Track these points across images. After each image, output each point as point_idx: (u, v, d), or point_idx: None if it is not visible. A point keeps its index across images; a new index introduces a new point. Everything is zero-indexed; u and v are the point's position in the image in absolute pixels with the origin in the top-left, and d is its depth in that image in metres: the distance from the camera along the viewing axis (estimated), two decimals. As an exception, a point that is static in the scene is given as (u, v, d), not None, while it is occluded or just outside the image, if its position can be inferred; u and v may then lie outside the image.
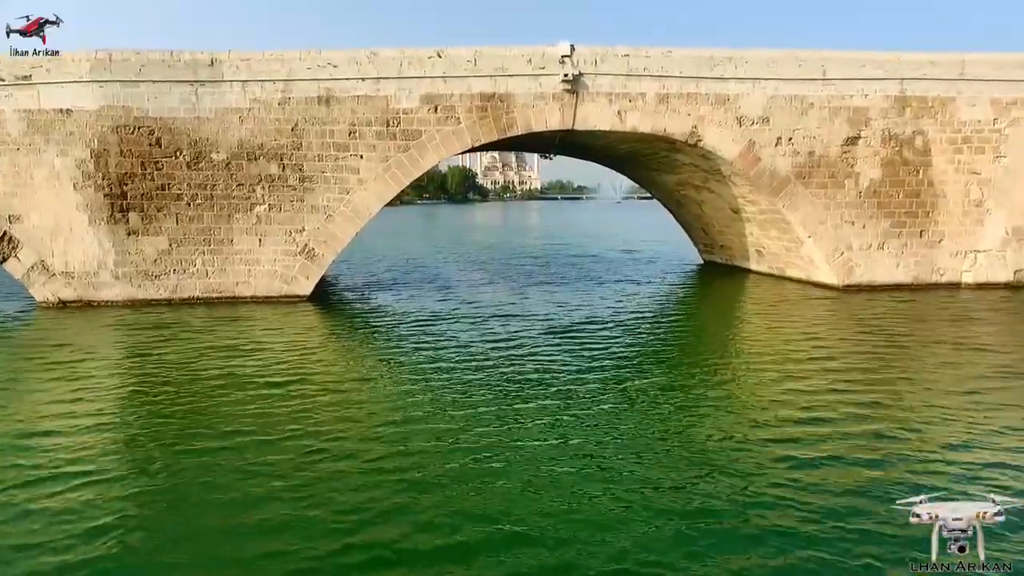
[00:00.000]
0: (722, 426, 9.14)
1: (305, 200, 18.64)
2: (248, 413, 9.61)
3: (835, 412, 9.61)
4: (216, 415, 9.60)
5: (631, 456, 8.16)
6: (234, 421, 9.28)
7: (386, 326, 16.71)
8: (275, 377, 11.52)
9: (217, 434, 8.81)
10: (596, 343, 14.26)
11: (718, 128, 19.38)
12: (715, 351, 13.97)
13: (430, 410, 9.82)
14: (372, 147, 18.62)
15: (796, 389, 10.83)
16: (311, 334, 15.70)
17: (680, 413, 9.78)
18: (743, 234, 23.52)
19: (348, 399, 10.40)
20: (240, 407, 9.88)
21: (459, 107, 18.69)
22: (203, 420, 9.42)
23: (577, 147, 23.68)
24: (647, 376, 11.79)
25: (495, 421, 9.28)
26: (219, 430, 8.95)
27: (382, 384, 11.49)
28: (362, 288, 22.89)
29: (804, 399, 10.27)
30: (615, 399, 10.36)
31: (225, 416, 9.52)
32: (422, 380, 11.57)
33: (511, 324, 16.20)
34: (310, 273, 18.82)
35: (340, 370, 12.58)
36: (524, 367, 12.17)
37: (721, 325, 17.27)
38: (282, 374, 11.75)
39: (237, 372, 11.88)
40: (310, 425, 9.08)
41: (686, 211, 26.74)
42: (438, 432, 8.89)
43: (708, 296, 22.17)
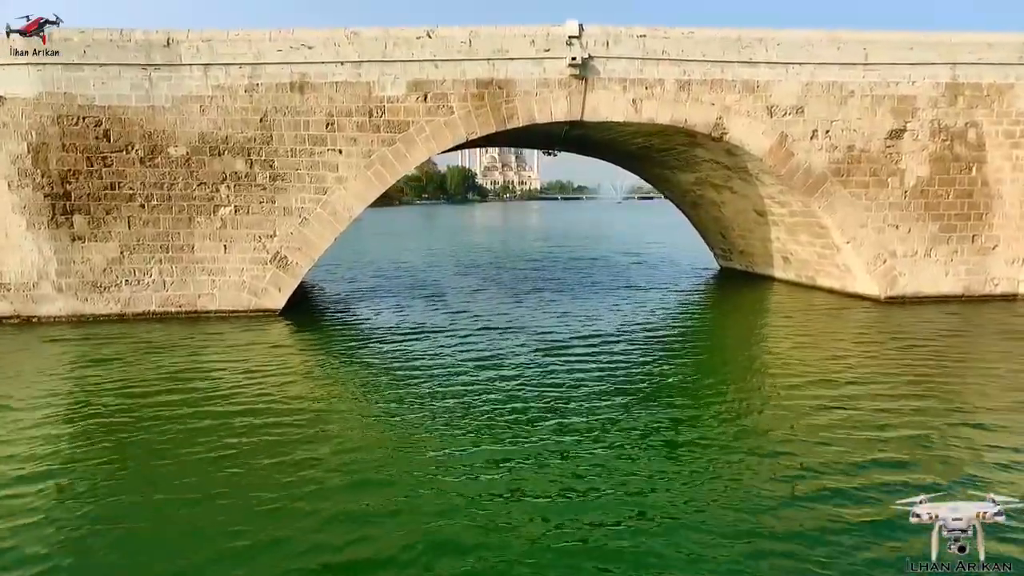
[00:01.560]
0: (751, 468, 7.89)
1: (276, 201, 16.36)
2: (205, 445, 8.44)
3: (876, 451, 8.25)
4: (168, 450, 8.33)
5: (633, 504, 6.92)
6: (189, 456, 8.11)
7: (366, 345, 14.51)
8: (238, 406, 10.04)
9: (168, 472, 7.68)
10: (601, 363, 12.45)
11: (746, 119, 17.11)
12: (739, 374, 12.15)
13: (409, 447, 8.52)
14: (353, 140, 16.34)
15: (837, 422, 9.28)
16: (281, 355, 13.56)
17: (702, 452, 8.34)
18: (768, 239, 21.26)
19: (318, 433, 8.97)
20: (197, 440, 8.66)
21: (452, 95, 16.42)
22: (153, 457, 8.14)
23: (585, 142, 21.40)
24: (661, 406, 10.03)
25: (483, 465, 7.86)
26: (171, 467, 7.82)
27: (354, 415, 9.93)
28: (344, 299, 20.60)
29: (845, 434, 8.81)
30: (623, 434, 8.82)
31: (179, 451, 8.29)
32: (402, 410, 9.96)
33: (506, 340, 14.38)
34: (283, 284, 16.54)
35: (310, 398, 10.68)
36: (518, 395, 10.50)
37: (745, 343, 15.05)
38: (247, 402, 10.20)
39: (194, 399, 10.38)
40: (275, 462, 7.92)
41: (702, 213, 24.47)
42: (414, 469, 7.77)
43: (728, 307, 19.88)
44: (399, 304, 19.42)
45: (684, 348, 14.69)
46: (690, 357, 13.73)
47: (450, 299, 20.37)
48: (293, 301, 17.30)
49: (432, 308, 18.67)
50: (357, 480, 7.47)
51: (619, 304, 19.35)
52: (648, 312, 18.37)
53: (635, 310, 18.48)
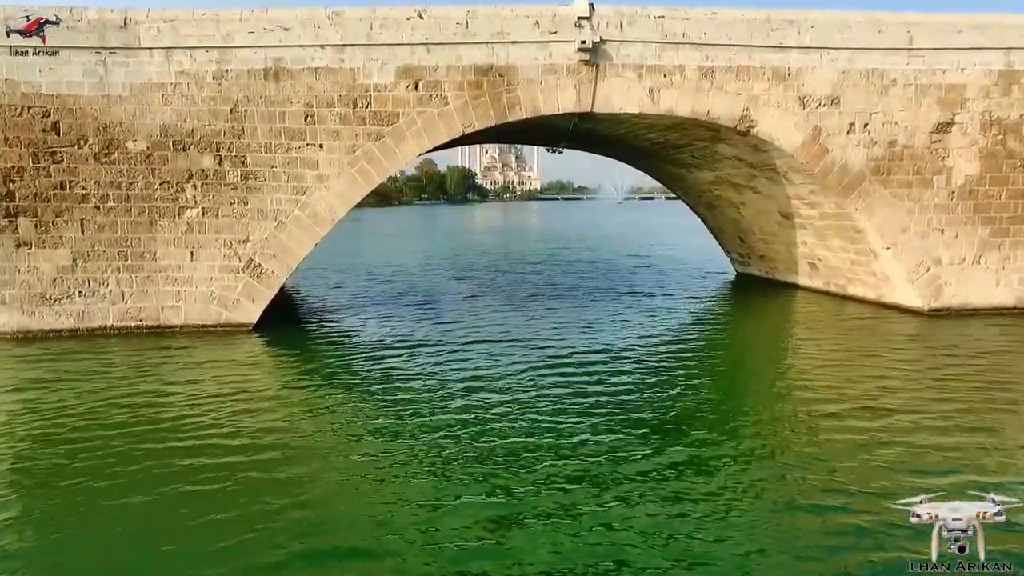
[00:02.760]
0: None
1: (249, 202, 14.55)
2: (162, 477, 7.43)
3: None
4: (121, 484, 7.28)
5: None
6: (134, 496, 7.00)
7: (347, 363, 12.79)
8: (190, 436, 8.70)
9: (108, 514, 6.68)
10: (608, 386, 10.91)
11: (775, 111, 15.30)
12: (767, 401, 10.56)
13: (390, 492, 7.29)
14: (335, 134, 14.53)
15: (887, 463, 7.75)
16: (249, 376, 11.86)
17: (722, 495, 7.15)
18: (793, 243, 19.45)
19: (280, 470, 7.74)
20: (155, 471, 7.62)
21: (446, 83, 14.61)
22: (103, 493, 7.08)
23: (593, 137, 19.60)
24: (677, 439, 8.59)
25: (472, 522, 6.51)
26: (112, 507, 6.80)
27: (326, 450, 8.56)
28: (329, 308, 18.76)
29: (897, 476, 7.45)
30: (634, 475, 7.48)
31: (122, 488, 7.20)
32: (384, 444, 8.62)
33: (502, 357, 12.84)
34: (256, 295, 14.73)
35: (276, 429, 9.18)
36: (514, 426, 9.09)
37: (772, 363, 13.29)
38: (201, 432, 8.86)
39: (152, 426, 9.09)
40: (228, 515, 6.66)
41: (719, 215, 22.65)
42: (395, 520, 6.63)
43: (750, 319, 18.05)
44: (388, 313, 17.69)
45: (702, 366, 13.02)
46: (709, 378, 12.03)
47: (444, 307, 18.77)
48: (270, 312, 15.51)
49: (424, 318, 17.02)
50: (324, 528, 6.36)
51: (626, 313, 17.67)
52: (659, 323, 16.66)
53: (644, 321, 16.79)
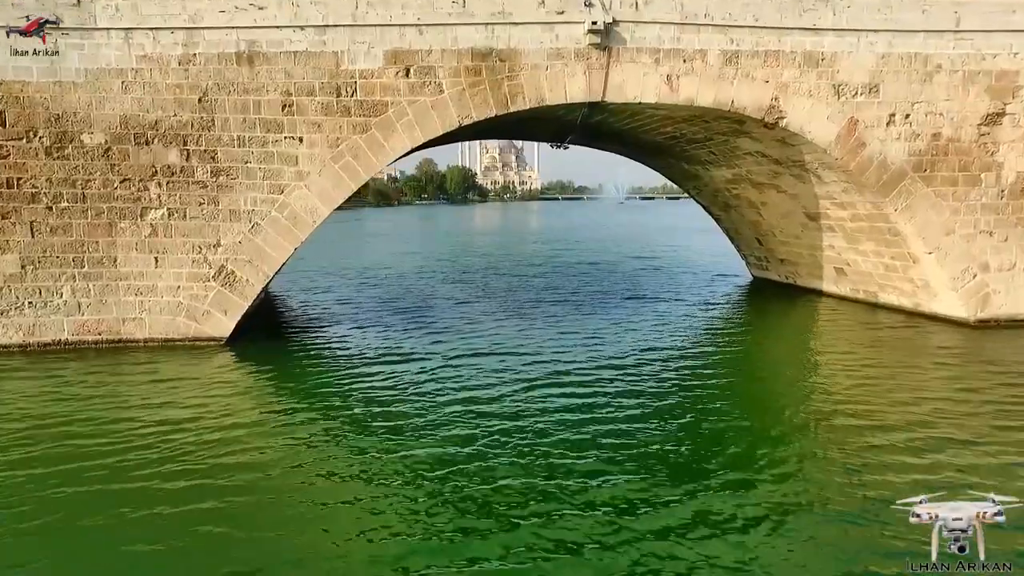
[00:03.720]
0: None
1: (221, 202, 13.03)
2: (113, 515, 6.56)
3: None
4: (61, 521, 6.46)
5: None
6: (88, 533, 6.23)
7: (330, 381, 11.36)
8: (157, 467, 7.67)
9: (58, 550, 5.92)
10: (615, 406, 9.69)
11: (807, 100, 13.77)
12: (798, 429, 8.98)
13: (372, 534, 6.33)
14: (316, 126, 13.01)
15: None
16: (221, 395, 10.38)
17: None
18: (819, 247, 17.91)
19: (254, 509, 6.76)
20: (103, 508, 6.70)
21: (441, 69, 13.08)
22: (41, 532, 6.28)
23: (600, 131, 18.07)
24: (696, 474, 7.54)
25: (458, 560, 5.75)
26: (63, 543, 6.05)
27: (301, 480, 7.50)
28: (313, 316, 17.20)
29: None
30: (648, 525, 6.41)
31: (73, 525, 6.39)
32: (365, 482, 7.46)
33: (499, 373, 11.56)
34: (229, 306, 13.20)
35: (249, 459, 7.99)
36: (513, 457, 7.93)
37: (801, 381, 11.67)
38: (169, 464, 7.77)
39: (103, 457, 7.94)
40: (195, 547, 6.00)
41: (736, 216, 21.11)
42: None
43: (772, 328, 16.45)
44: (378, 322, 16.23)
45: (723, 381, 11.63)
46: (732, 400, 10.49)
47: (438, 314, 17.34)
48: (248, 321, 13.99)
49: (415, 327, 15.58)
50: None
51: (633, 321, 16.26)
52: (671, 332, 15.24)
53: (654, 329, 15.38)
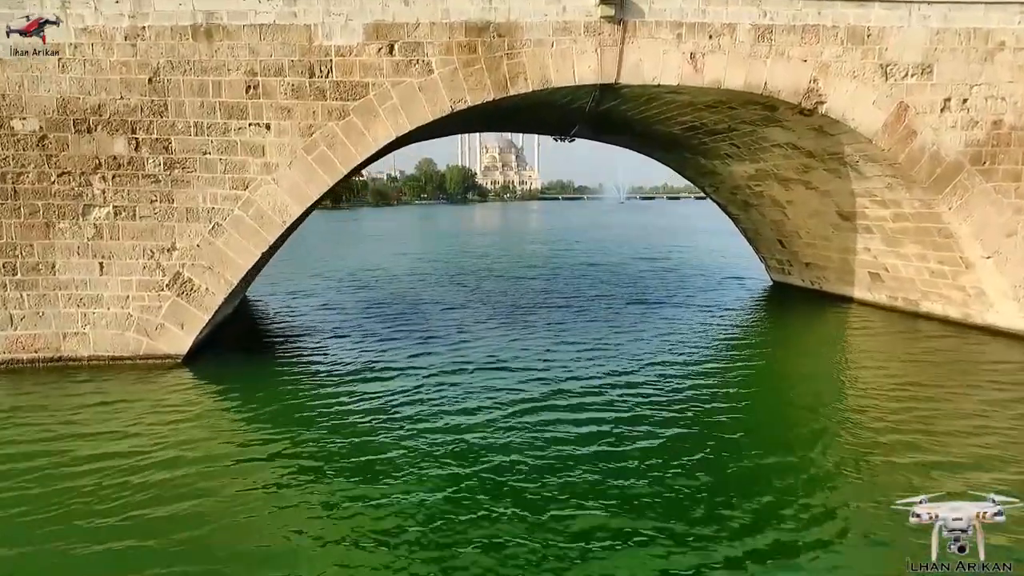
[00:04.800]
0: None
1: (176, 199, 11.30)
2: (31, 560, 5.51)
3: None
4: None
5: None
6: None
7: (301, 402, 9.78)
8: (89, 507, 6.56)
9: None
10: (623, 433, 8.41)
11: (851, 83, 12.02)
12: (834, 459, 7.37)
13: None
14: (286, 111, 11.27)
15: None
16: (170, 424, 8.71)
17: None
18: (852, 249, 16.16)
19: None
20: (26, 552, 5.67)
21: (430, 45, 11.34)
22: None
23: (612, 121, 16.30)
24: (716, 514, 6.46)
25: None
26: None
27: (262, 528, 6.30)
28: (291, 325, 15.41)
29: None
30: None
31: None
32: (332, 532, 6.24)
33: (494, 392, 10.10)
34: (187, 319, 11.46)
35: (195, 507, 6.60)
36: (510, 503, 6.67)
37: (841, 406, 9.87)
38: (103, 504, 6.62)
39: (29, 490, 6.90)
40: None
41: (757, 215, 19.35)
42: None
43: (798, 340, 14.63)
44: (363, 331, 14.63)
45: (745, 404, 9.86)
46: (757, 425, 8.81)
47: (429, 322, 15.78)
48: (215, 335, 12.27)
49: (403, 337, 13.95)
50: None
51: (642, 330, 14.68)
52: (685, 342, 13.63)
53: (665, 340, 13.74)
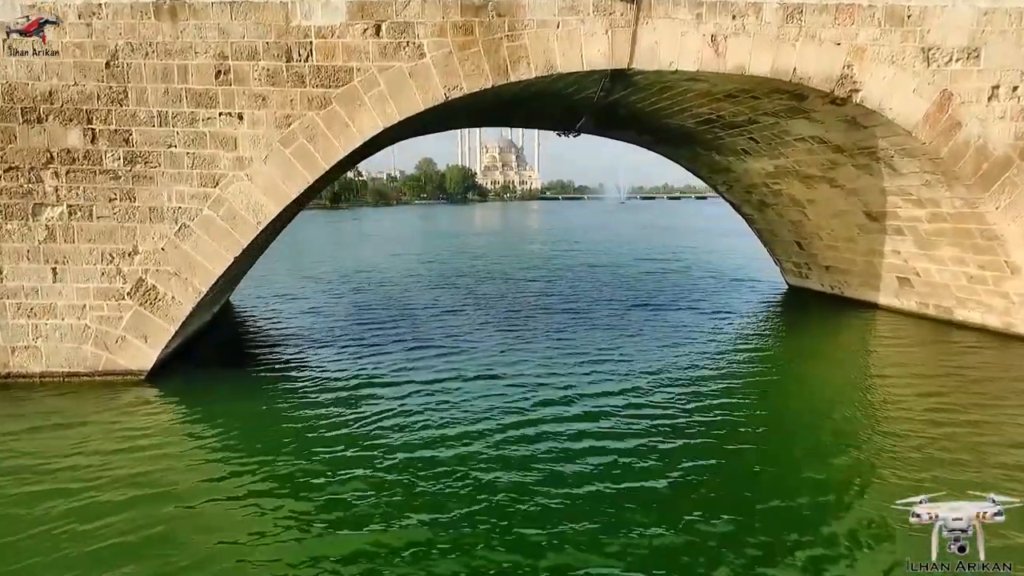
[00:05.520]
0: None
1: (138, 198, 10.13)
2: None
3: None
4: None
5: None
6: None
7: (276, 426, 8.61)
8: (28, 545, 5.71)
9: None
10: (630, 457, 7.54)
11: (888, 69, 10.85)
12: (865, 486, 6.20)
13: None
14: (260, 99, 10.10)
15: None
16: (131, 451, 7.67)
17: None
18: (879, 252, 14.98)
19: None
20: None
21: (421, 26, 10.18)
22: None
23: (620, 115, 15.10)
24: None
25: None
26: None
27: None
28: (272, 333, 14.18)
29: None
30: None
31: None
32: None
33: (484, 407, 9.24)
34: (151, 331, 10.29)
35: (158, 550, 5.56)
36: (494, 537, 5.88)
37: (867, 420, 8.75)
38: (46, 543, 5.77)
39: None
40: None
41: (773, 215, 18.17)
42: None
43: (819, 349, 13.34)
44: (350, 340, 13.56)
45: (762, 423, 8.72)
46: (773, 449, 7.72)
47: (422, 327, 14.75)
48: (190, 347, 11.11)
49: (394, 344, 12.95)
50: None
51: (649, 337, 13.64)
52: (694, 351, 12.61)
53: (674, 349, 12.70)
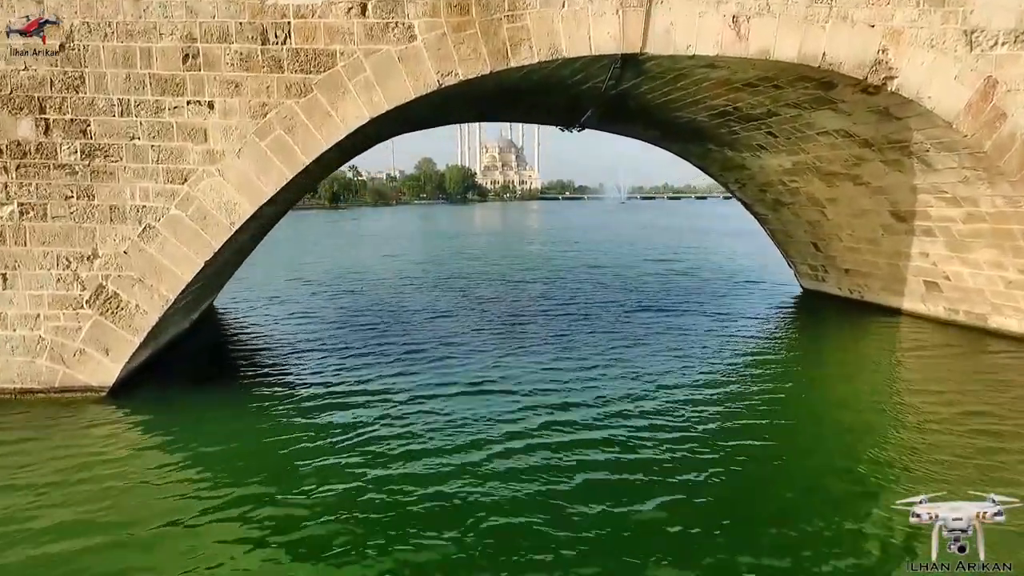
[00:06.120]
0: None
1: (97, 196, 9.13)
2: None
3: None
4: None
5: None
6: None
7: (250, 450, 7.66)
8: None
9: None
10: (629, 472, 7.10)
11: (927, 53, 9.86)
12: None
13: None
14: (233, 86, 9.10)
15: None
16: (80, 482, 6.71)
17: None
18: (905, 254, 13.99)
19: None
20: None
21: (412, 5, 9.17)
22: None
23: (628, 108, 14.09)
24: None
25: None
26: None
27: None
28: (253, 340, 13.14)
29: None
30: None
31: None
32: None
33: (479, 424, 8.37)
34: (113, 342, 9.29)
35: None
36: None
37: (884, 434, 7.83)
38: None
39: None
40: None
41: (789, 215, 17.16)
42: None
43: (838, 359, 12.32)
44: (339, 347, 12.70)
45: (776, 436, 7.82)
46: (786, 466, 6.84)
47: (415, 333, 13.88)
48: (165, 356, 10.10)
49: (384, 353, 12.08)
50: None
51: (653, 344, 12.77)
52: (703, 359, 11.85)
53: (681, 357, 11.88)
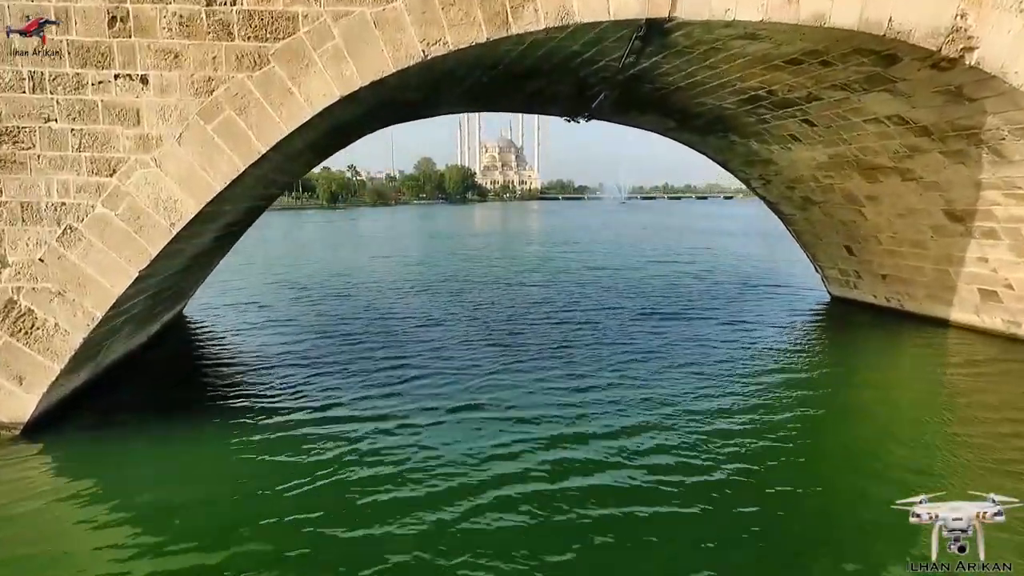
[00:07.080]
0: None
1: (5, 191, 7.49)
2: None
3: None
4: None
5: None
6: None
7: (205, 499, 6.07)
8: None
9: None
10: (638, 488, 6.47)
11: (1015, 19, 8.20)
12: None
13: None
14: (172, 58, 7.45)
15: None
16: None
17: None
18: (958, 259, 12.33)
19: None
20: None
21: (390, -43, 7.52)
22: None
23: (641, 95, 12.38)
24: None
25: None
26: None
27: None
28: (225, 360, 11.44)
29: None
30: None
31: None
32: None
33: (466, 448, 7.50)
34: (27, 369, 7.63)
35: None
36: None
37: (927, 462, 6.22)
38: None
39: None
40: None
41: (820, 214, 15.47)
42: None
43: (876, 377, 10.64)
44: (317, 361, 11.33)
45: (802, 469, 6.11)
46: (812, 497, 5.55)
47: (402, 345, 12.51)
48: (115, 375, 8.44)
49: (365, 368, 10.75)
50: None
51: (664, 356, 11.43)
52: (718, 373, 10.40)
53: (694, 371, 10.49)
